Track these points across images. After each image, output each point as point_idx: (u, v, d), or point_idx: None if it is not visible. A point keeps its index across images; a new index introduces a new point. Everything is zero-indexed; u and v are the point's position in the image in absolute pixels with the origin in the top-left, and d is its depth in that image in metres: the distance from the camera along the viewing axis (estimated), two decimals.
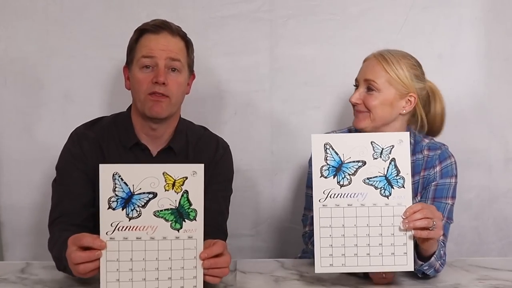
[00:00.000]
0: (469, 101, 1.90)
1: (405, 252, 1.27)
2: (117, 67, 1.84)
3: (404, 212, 1.27)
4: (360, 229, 1.27)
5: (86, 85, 1.87)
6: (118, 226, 1.17)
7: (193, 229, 1.19)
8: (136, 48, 1.46)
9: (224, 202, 1.54)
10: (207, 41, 1.86)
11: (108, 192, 1.17)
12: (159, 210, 1.18)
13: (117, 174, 1.16)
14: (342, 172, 1.28)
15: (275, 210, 1.94)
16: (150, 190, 1.18)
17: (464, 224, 1.93)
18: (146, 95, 1.43)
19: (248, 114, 1.91)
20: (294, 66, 1.90)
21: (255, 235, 1.95)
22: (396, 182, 1.28)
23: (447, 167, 1.51)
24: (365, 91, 1.49)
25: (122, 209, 1.17)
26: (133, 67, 1.47)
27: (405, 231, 1.26)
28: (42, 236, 1.85)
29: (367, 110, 1.48)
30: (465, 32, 1.90)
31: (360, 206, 1.27)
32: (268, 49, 1.89)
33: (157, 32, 1.45)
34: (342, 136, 1.38)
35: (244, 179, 1.86)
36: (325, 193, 1.28)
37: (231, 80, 1.90)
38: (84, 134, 1.49)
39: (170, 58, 1.44)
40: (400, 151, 1.28)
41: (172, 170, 1.18)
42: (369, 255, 1.27)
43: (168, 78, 1.43)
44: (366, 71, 1.50)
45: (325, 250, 1.27)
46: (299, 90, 1.90)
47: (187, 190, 1.18)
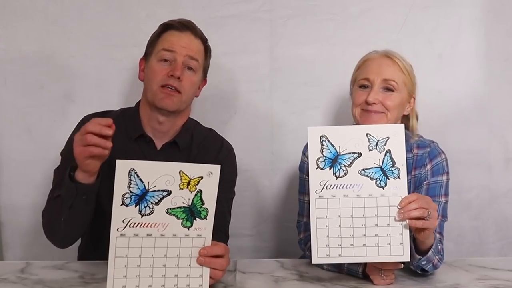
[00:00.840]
0: (469, 101, 1.90)
1: (401, 243, 1.27)
2: (117, 67, 1.86)
3: (399, 202, 1.27)
4: (356, 220, 1.27)
5: (86, 85, 1.88)
6: (130, 223, 1.17)
7: (203, 228, 1.20)
8: (158, 41, 1.49)
9: (227, 204, 1.54)
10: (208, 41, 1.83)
11: (122, 189, 1.17)
12: (172, 208, 1.19)
13: (133, 171, 1.16)
14: (338, 164, 1.29)
15: (275, 209, 1.95)
16: (165, 188, 1.18)
17: (464, 224, 1.94)
18: (158, 87, 1.45)
19: (248, 114, 1.92)
20: (294, 66, 1.90)
21: (255, 235, 1.95)
22: (391, 173, 1.28)
23: (437, 164, 1.50)
24: (382, 91, 1.47)
25: (135, 206, 1.17)
26: (151, 59, 1.49)
27: (400, 221, 1.26)
28: (42, 236, 1.84)
29: (384, 110, 1.46)
30: (465, 32, 1.91)
31: (356, 197, 1.28)
32: (268, 49, 1.90)
33: (181, 30, 1.48)
34: (338, 128, 1.38)
35: (244, 179, 1.84)
36: (321, 184, 1.28)
37: (231, 80, 1.90)
38: None
39: (189, 56, 1.47)
40: (395, 143, 1.28)
41: (188, 169, 1.19)
42: (366, 245, 1.27)
43: (183, 74, 1.46)
44: (381, 70, 1.48)
45: (322, 240, 1.27)
46: (299, 90, 1.91)
47: (201, 189, 1.19)
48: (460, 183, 1.90)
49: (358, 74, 1.53)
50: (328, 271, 1.44)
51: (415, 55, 1.82)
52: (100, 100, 1.87)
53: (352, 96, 1.55)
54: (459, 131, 1.90)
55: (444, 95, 1.90)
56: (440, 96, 1.90)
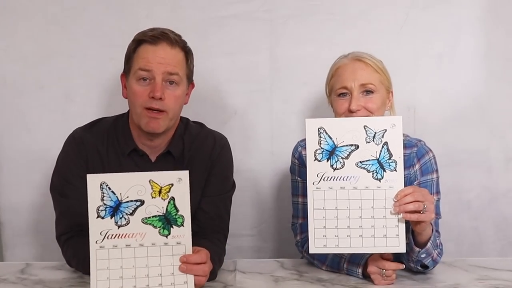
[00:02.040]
0: (469, 101, 1.90)
1: (397, 234, 1.28)
2: (117, 67, 1.80)
3: (395, 195, 1.28)
4: (352, 212, 1.29)
5: (86, 85, 1.87)
6: (108, 235, 1.19)
7: (181, 235, 1.21)
8: (133, 58, 1.43)
9: (223, 203, 1.52)
10: (207, 41, 1.85)
11: (96, 202, 1.18)
12: (147, 217, 1.20)
13: (105, 183, 1.18)
14: (335, 156, 1.30)
15: (275, 210, 1.94)
16: (138, 197, 1.19)
17: (464, 224, 1.93)
18: (142, 109, 1.41)
19: (248, 114, 1.91)
20: (294, 66, 1.90)
21: (255, 235, 1.95)
22: (388, 165, 1.29)
23: (426, 163, 1.49)
24: (362, 95, 1.46)
25: (110, 218, 1.19)
26: (130, 78, 1.44)
27: (396, 214, 1.28)
28: (42, 236, 1.88)
29: (368, 114, 1.46)
30: (465, 32, 1.90)
31: (353, 189, 1.29)
32: (268, 49, 1.89)
33: (155, 43, 1.40)
34: (335, 121, 1.41)
35: (244, 179, 1.85)
36: (319, 176, 1.30)
37: (231, 80, 1.89)
38: (82, 138, 1.47)
39: (168, 73, 1.40)
40: (393, 135, 1.29)
41: (157, 178, 1.20)
42: (362, 236, 1.28)
43: (165, 92, 1.40)
44: (356, 76, 1.47)
45: (319, 231, 1.29)
46: (299, 90, 1.90)
47: (173, 196, 1.20)
48: (460, 183, 1.91)
49: (334, 83, 1.52)
50: (328, 272, 1.44)
51: (415, 55, 1.90)
52: (100, 100, 1.87)
53: (332, 105, 1.55)
54: (459, 131, 1.89)
55: (444, 95, 1.89)
56: (440, 96, 1.90)
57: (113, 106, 1.82)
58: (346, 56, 1.54)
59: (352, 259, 1.40)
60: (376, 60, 1.51)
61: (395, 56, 1.80)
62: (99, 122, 1.53)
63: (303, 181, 1.54)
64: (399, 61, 1.82)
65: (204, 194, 1.49)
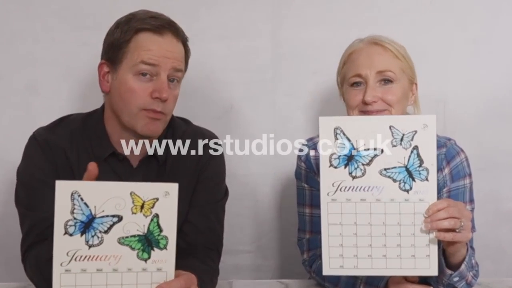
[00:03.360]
0: (508, 94, 1.84)
1: (427, 255, 1.22)
2: (91, 54, 1.72)
3: (426, 209, 1.22)
4: (375, 228, 1.23)
5: (53, 74, 1.81)
6: (76, 256, 1.12)
7: (162, 260, 1.14)
8: (129, 47, 1.35)
9: (215, 214, 1.47)
10: (198, 22, 1.79)
11: (65, 215, 1.11)
12: (124, 236, 1.13)
13: (77, 193, 1.11)
14: (354, 162, 1.24)
15: (277, 221, 1.89)
16: (115, 212, 1.12)
17: (503, 239, 1.88)
18: (140, 110, 1.34)
19: (246, 109, 1.85)
20: (301, 52, 1.84)
21: (254, 251, 1.89)
22: (418, 174, 1.23)
23: (457, 166, 1.45)
24: (380, 85, 1.42)
25: (80, 235, 1.12)
26: (122, 70, 1.36)
27: (428, 232, 1.22)
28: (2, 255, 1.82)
29: (386, 107, 1.42)
30: (503, 14, 1.84)
31: (376, 201, 1.23)
32: (270, 32, 1.83)
33: (160, 33, 1.35)
34: (355, 120, 1.35)
35: (242, 186, 1.80)
36: (335, 185, 1.24)
37: (226, 68, 1.83)
38: (46, 141, 1.40)
39: (175, 69, 1.36)
40: (424, 138, 1.22)
41: (141, 190, 1.13)
42: (386, 256, 1.23)
43: (169, 92, 1.36)
44: (372, 61, 1.43)
45: (335, 250, 1.24)
46: (306, 80, 1.85)
47: (157, 213, 1.14)
48: (498, 191, 1.86)
49: (346, 71, 1.48)
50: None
51: (445, 40, 1.84)
52: (70, 92, 1.81)
53: (344, 98, 1.51)
54: (497, 129, 1.84)
55: (479, 87, 1.84)
56: (475, 88, 1.84)
57: (87, 99, 1.76)
58: (362, 40, 1.48)
59: (370, 281, 1.36)
60: (398, 45, 1.45)
61: (421, 41, 1.75)
62: (65, 121, 1.45)
63: (311, 188, 1.50)
64: (426, 47, 1.77)
65: (192, 204, 1.44)
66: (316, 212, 1.46)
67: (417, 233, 1.22)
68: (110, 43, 1.38)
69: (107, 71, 1.39)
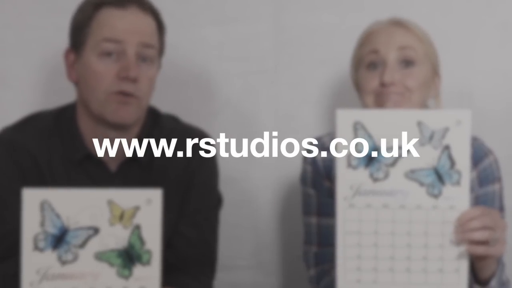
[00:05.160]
0: None
1: (457, 269, 1.22)
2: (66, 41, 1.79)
3: (458, 218, 1.21)
4: (398, 238, 1.23)
5: (24, 64, 1.80)
6: (47, 274, 1.12)
7: (146, 277, 1.15)
8: (91, 26, 1.34)
9: (209, 224, 1.47)
10: (190, 5, 1.78)
11: (34, 227, 1.11)
12: (102, 251, 1.14)
13: (47, 203, 1.11)
14: (376, 162, 1.23)
15: (280, 232, 1.86)
16: (91, 224, 1.13)
17: None
18: (108, 95, 1.33)
19: (245, 103, 1.84)
20: (306, 39, 1.81)
21: (254, 267, 1.86)
22: (449, 177, 1.21)
23: (485, 169, 1.44)
24: (400, 66, 1.41)
25: (52, 250, 1.13)
26: (85, 53, 1.34)
27: (458, 243, 1.22)
28: None
29: (404, 91, 1.41)
30: None
31: (400, 208, 1.23)
32: (272, 16, 1.81)
33: (122, 6, 1.34)
34: (378, 114, 1.31)
35: (240, 192, 1.79)
36: (353, 188, 1.23)
37: (223, 57, 1.81)
38: (12, 142, 1.38)
39: (143, 44, 1.33)
40: (457, 137, 1.21)
41: (119, 198, 1.13)
42: (410, 270, 1.23)
43: (138, 70, 1.33)
44: (393, 38, 1.42)
45: (351, 262, 1.23)
46: (313, 71, 1.82)
47: (139, 224, 1.14)
48: None
49: (363, 52, 1.46)
50: None
51: (470, 24, 1.83)
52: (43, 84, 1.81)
53: (357, 85, 1.50)
54: None
55: (509, 77, 1.82)
56: (504, 79, 1.81)
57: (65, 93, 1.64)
58: (382, 21, 1.46)
59: None
60: (423, 30, 1.44)
61: (443, 26, 1.73)
62: (34, 119, 1.43)
63: (318, 194, 1.49)
64: (448, 33, 1.74)
65: (182, 214, 1.44)
66: (324, 222, 1.45)
67: (446, 244, 1.22)
68: (73, 25, 1.38)
69: (74, 59, 1.39)
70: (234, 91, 1.84)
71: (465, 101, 1.81)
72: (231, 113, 1.84)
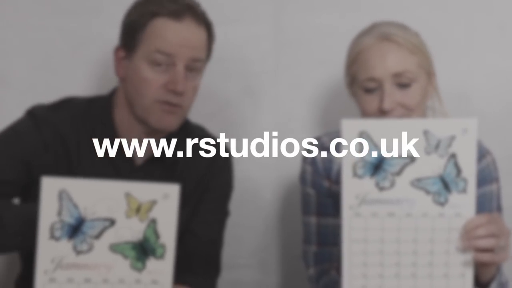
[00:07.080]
0: None
1: (463, 274, 1.23)
2: (70, 42, 1.81)
3: (464, 225, 1.22)
4: (404, 246, 1.25)
5: (27, 64, 1.82)
6: (62, 263, 1.13)
7: (159, 271, 1.16)
8: (145, 33, 1.37)
9: (218, 226, 1.51)
10: None
11: (51, 216, 1.11)
12: (117, 243, 1.15)
13: (65, 192, 1.11)
14: (382, 171, 1.24)
15: (281, 231, 1.88)
16: (107, 215, 1.14)
17: None
18: (154, 102, 1.36)
19: (245, 104, 1.86)
20: (306, 40, 1.82)
21: (255, 266, 1.88)
22: (455, 185, 1.23)
23: (483, 169, 1.45)
24: (397, 88, 1.41)
25: (68, 240, 1.13)
26: (136, 58, 1.37)
27: (464, 250, 1.23)
28: None
29: (406, 112, 1.42)
30: None
31: (406, 216, 1.24)
32: (272, 16, 1.83)
33: (178, 18, 1.36)
34: (384, 123, 1.32)
35: (241, 191, 1.75)
36: (359, 197, 1.24)
37: (222, 58, 1.72)
38: (46, 119, 1.39)
39: (192, 59, 1.37)
40: (464, 145, 1.22)
41: (137, 191, 1.14)
42: (415, 276, 1.25)
43: (186, 84, 1.36)
44: (386, 62, 1.41)
45: (357, 269, 1.25)
46: (313, 71, 1.83)
47: (155, 218, 1.15)
48: None
49: (357, 73, 1.45)
50: None
51: (468, 25, 1.85)
52: (46, 84, 1.81)
53: (356, 100, 1.49)
54: None
55: (507, 79, 1.84)
56: (502, 80, 1.83)
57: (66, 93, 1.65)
58: (369, 32, 1.45)
59: None
60: (410, 34, 1.43)
61: (440, 26, 1.76)
62: (68, 103, 1.45)
63: (318, 194, 1.50)
64: (444, 33, 1.77)
65: (197, 213, 1.47)
66: (323, 222, 1.47)
67: (452, 250, 1.23)
68: (127, 25, 1.40)
69: (123, 56, 1.41)
70: (234, 92, 1.86)
71: (463, 102, 1.83)
72: (231, 114, 1.86)
